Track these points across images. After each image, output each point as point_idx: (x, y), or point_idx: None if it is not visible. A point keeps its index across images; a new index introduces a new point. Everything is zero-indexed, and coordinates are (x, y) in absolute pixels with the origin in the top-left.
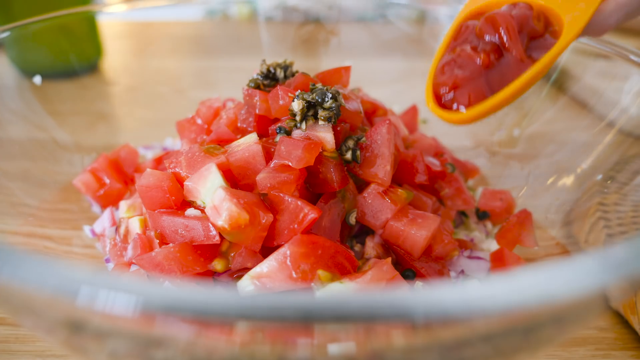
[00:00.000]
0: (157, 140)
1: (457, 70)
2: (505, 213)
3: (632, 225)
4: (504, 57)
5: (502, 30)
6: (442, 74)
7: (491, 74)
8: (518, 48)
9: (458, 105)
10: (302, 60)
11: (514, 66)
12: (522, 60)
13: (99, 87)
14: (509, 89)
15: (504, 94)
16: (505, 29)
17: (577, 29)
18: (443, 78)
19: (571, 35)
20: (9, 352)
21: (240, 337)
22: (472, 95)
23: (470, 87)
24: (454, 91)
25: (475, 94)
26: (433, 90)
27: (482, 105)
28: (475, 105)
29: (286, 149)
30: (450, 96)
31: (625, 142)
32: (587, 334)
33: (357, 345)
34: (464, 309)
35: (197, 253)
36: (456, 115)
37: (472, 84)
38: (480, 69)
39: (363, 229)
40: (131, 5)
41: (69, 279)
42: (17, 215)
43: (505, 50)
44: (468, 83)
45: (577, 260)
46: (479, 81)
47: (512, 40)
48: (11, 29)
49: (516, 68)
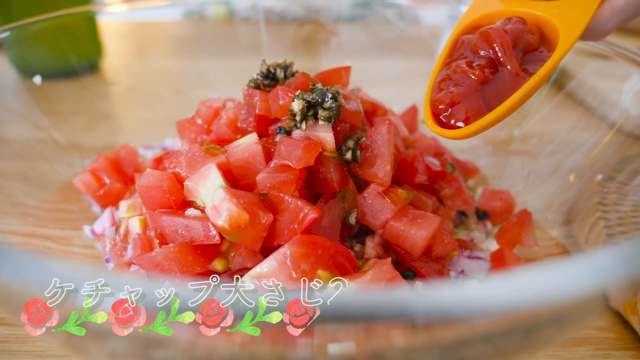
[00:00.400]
0: (157, 140)
1: (453, 87)
2: (505, 213)
3: (632, 225)
4: (500, 71)
5: (497, 46)
6: (439, 91)
7: (487, 89)
8: (513, 62)
9: (456, 122)
10: (302, 60)
11: (510, 80)
12: (518, 74)
13: (99, 87)
14: (506, 104)
15: (502, 109)
16: (499, 44)
17: (574, 38)
18: (440, 95)
19: (568, 45)
20: (9, 352)
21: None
22: (469, 111)
23: (467, 104)
24: (451, 108)
25: (473, 110)
26: (431, 108)
27: (480, 121)
28: (473, 122)
29: (286, 149)
30: (447, 113)
31: (625, 142)
32: (587, 334)
33: (357, 345)
34: (464, 309)
35: (197, 253)
36: (455, 132)
37: (469, 100)
38: (476, 84)
39: (363, 229)
40: (131, 5)
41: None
42: (17, 215)
43: (500, 65)
44: (464, 99)
45: (577, 260)
46: (476, 97)
47: (507, 55)
48: (11, 29)
49: (512, 82)
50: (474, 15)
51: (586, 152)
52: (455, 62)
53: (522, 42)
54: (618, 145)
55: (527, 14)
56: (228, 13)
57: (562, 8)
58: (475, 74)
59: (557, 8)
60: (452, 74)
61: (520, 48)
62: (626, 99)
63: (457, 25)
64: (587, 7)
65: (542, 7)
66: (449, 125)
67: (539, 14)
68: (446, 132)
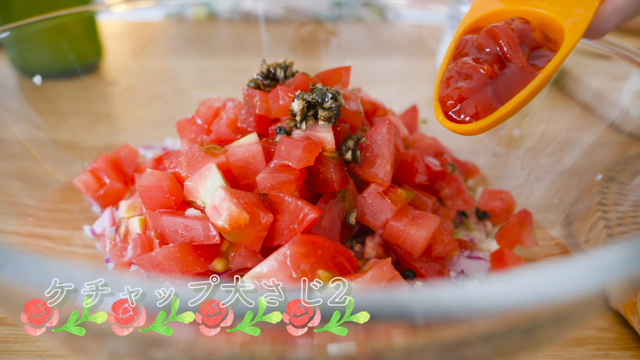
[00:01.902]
0: (157, 140)
1: (461, 82)
2: (505, 213)
3: (632, 225)
4: (507, 67)
5: (502, 42)
6: (447, 86)
7: (496, 84)
8: (520, 57)
9: (465, 117)
10: (302, 60)
11: (519, 75)
12: (525, 69)
13: (99, 87)
14: (518, 98)
15: (514, 102)
16: (505, 40)
17: (579, 33)
18: (448, 91)
19: (574, 41)
20: (9, 352)
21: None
22: (479, 105)
23: (476, 98)
24: (460, 103)
25: (483, 105)
26: (440, 104)
27: (492, 116)
28: (483, 117)
29: (286, 149)
30: (457, 108)
31: (625, 142)
32: (587, 334)
33: (357, 345)
34: (464, 309)
35: (197, 253)
36: (467, 127)
37: (478, 95)
38: (485, 79)
39: (363, 229)
40: (131, 5)
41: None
42: (17, 215)
43: (507, 60)
44: (474, 94)
45: (577, 260)
46: (485, 91)
47: (514, 50)
48: (11, 29)
49: (521, 77)
50: (476, 15)
51: (586, 152)
52: (462, 59)
53: (527, 40)
54: (618, 145)
55: (529, 13)
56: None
57: (564, 5)
58: (484, 68)
59: (559, 5)
60: (459, 70)
61: (526, 45)
62: (626, 99)
63: (459, 26)
64: (590, 3)
65: (545, 5)
66: (459, 121)
67: (542, 12)
68: (459, 127)
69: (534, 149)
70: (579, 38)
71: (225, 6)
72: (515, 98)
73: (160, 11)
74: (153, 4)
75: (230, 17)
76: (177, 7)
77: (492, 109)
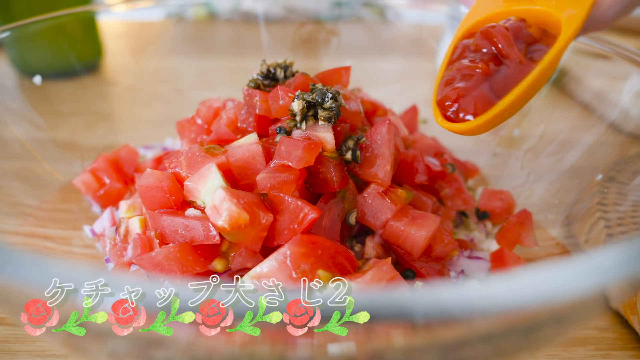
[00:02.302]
0: (157, 140)
1: (459, 83)
2: (505, 213)
3: (632, 225)
4: (504, 63)
5: (497, 40)
6: (445, 87)
7: (494, 81)
8: (516, 52)
9: (465, 115)
10: (302, 60)
11: (515, 70)
12: (522, 63)
13: (99, 87)
14: (515, 92)
15: (512, 96)
16: (499, 38)
17: (576, 25)
18: (445, 92)
19: (571, 31)
20: (9, 352)
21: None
22: (477, 103)
23: (474, 96)
24: (458, 102)
25: (481, 102)
26: (439, 106)
27: (490, 111)
28: (483, 113)
29: (286, 149)
30: (455, 108)
31: (625, 142)
32: (587, 334)
33: (357, 345)
34: (464, 309)
35: (197, 253)
36: (466, 125)
37: (476, 92)
38: (482, 77)
39: (363, 229)
40: (131, 5)
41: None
42: (17, 215)
43: (503, 57)
44: (472, 92)
45: (577, 260)
46: (482, 89)
47: (508, 45)
48: (11, 29)
49: (518, 71)
50: (473, 19)
51: (586, 152)
52: (458, 62)
53: (523, 35)
54: (618, 145)
55: (526, 12)
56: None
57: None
58: (480, 67)
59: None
60: (456, 73)
61: (522, 41)
62: (626, 99)
63: (457, 31)
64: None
65: (540, 1)
66: (459, 120)
67: (538, 8)
68: (458, 127)
69: (534, 149)
70: (577, 28)
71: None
72: (514, 92)
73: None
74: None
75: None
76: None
77: (491, 105)
